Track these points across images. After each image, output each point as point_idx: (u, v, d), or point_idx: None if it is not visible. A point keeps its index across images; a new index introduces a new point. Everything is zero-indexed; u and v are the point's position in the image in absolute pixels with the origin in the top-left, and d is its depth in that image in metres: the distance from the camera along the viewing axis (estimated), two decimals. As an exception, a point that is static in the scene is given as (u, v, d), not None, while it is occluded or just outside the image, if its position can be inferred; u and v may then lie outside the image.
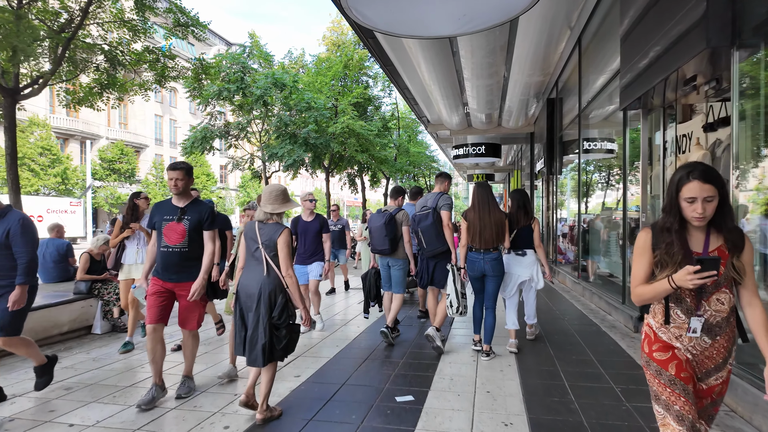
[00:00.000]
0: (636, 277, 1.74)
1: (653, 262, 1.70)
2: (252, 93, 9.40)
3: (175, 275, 3.22)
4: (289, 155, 9.89)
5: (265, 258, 2.79)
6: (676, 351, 1.70)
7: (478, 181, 6.42)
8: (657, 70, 3.95)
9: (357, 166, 17.25)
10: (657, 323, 1.75)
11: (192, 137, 10.33)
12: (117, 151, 31.40)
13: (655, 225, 1.73)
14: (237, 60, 9.75)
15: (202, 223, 3.28)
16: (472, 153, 14.38)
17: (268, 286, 2.76)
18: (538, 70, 8.24)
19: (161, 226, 3.25)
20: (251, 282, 2.81)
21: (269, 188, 2.96)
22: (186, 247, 3.23)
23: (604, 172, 7.74)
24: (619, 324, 5.23)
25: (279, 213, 2.89)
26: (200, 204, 3.34)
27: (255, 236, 2.86)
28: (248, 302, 2.80)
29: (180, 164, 3.27)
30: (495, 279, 4.07)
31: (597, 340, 4.60)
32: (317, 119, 10.54)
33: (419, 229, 4.33)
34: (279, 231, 2.82)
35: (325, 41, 18.72)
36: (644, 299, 1.72)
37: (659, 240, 1.68)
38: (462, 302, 4.08)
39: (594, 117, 7.60)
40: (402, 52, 8.20)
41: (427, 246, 4.31)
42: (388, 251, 4.55)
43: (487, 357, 4.05)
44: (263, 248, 2.81)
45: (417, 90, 10.61)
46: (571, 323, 5.37)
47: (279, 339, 2.77)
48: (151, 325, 3.17)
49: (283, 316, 2.76)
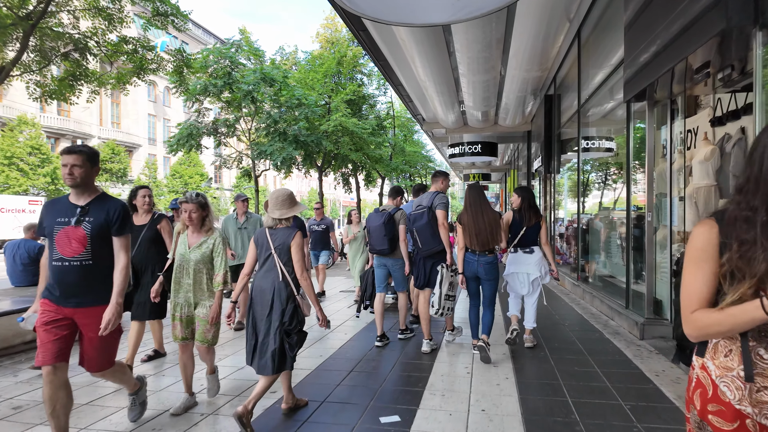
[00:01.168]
0: (693, 296, 1.11)
1: (720, 272, 1.09)
2: (240, 89, 9.04)
3: (75, 298, 2.38)
4: (279, 153, 9.54)
5: (278, 264, 2.75)
6: (747, 422, 1.07)
7: (470, 182, 6.21)
8: (666, 57, 3.65)
9: (351, 165, 16.92)
10: (719, 369, 1.12)
11: (177, 134, 9.96)
12: (108, 151, 30.91)
13: (723, 214, 1.11)
14: (224, 55, 9.40)
15: (110, 227, 2.44)
16: (468, 152, 14.11)
17: (281, 292, 2.73)
18: (535, 65, 7.93)
19: (53, 232, 2.39)
20: (265, 289, 2.76)
21: (276, 193, 2.86)
22: (89, 260, 2.39)
23: (604, 170, 7.44)
24: (623, 330, 4.93)
25: (288, 218, 2.83)
26: (108, 201, 2.50)
27: (266, 242, 2.80)
28: (262, 309, 2.75)
29: (78, 148, 2.41)
30: (490, 283, 3.98)
31: (601, 348, 4.29)
32: (308, 116, 10.18)
33: (414, 228, 4.26)
34: (292, 235, 2.77)
35: (318, 38, 18.39)
36: (711, 332, 1.08)
37: (731, 236, 1.07)
38: (445, 305, 4.07)
39: (594, 114, 7.30)
40: (395, 47, 7.89)
41: (422, 246, 4.25)
42: (387, 251, 4.41)
43: (485, 350, 3.88)
44: (276, 254, 2.76)
45: (411, 87, 10.31)
46: (572, 329, 5.07)
47: (291, 346, 2.73)
48: (48, 367, 2.31)
49: (293, 321, 2.73)
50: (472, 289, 4.07)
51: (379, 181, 22.35)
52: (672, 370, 3.64)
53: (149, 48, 7.03)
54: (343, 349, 4.46)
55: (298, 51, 16.97)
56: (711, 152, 4.66)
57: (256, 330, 2.77)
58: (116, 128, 37.68)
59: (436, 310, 4.09)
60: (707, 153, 4.67)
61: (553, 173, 9.99)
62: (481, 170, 23.84)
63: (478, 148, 14.01)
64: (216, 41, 41.20)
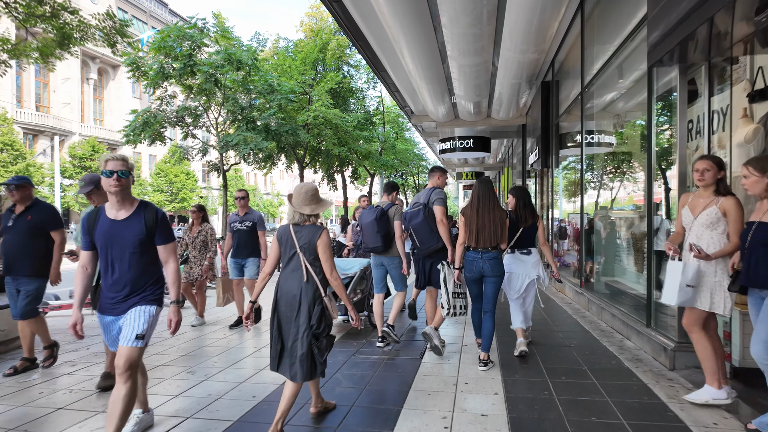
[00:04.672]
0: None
1: None
2: (201, 71, 7.99)
3: None
4: (245, 144, 8.48)
5: (304, 263, 2.61)
6: None
7: (482, 177, 5.55)
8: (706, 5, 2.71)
9: (337, 161, 15.92)
10: None
11: (131, 123, 8.86)
12: (89, 148, 29.72)
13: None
14: (185, 36, 8.32)
15: None
16: (460, 147, 13.23)
17: (308, 293, 2.60)
18: (531, 45, 6.91)
19: None
20: (291, 289, 2.62)
21: (303, 188, 2.70)
22: None
23: (615, 160, 6.50)
24: (646, 356, 3.96)
25: (316, 214, 2.69)
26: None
27: (291, 240, 2.66)
28: (288, 312, 2.61)
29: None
30: (494, 280, 3.75)
31: (621, 384, 3.32)
32: (281, 103, 9.14)
33: (411, 227, 4.15)
34: (318, 233, 2.63)
35: (303, 27, 17.44)
36: None
37: None
38: (456, 303, 3.82)
39: (599, 97, 6.37)
40: (373, 21, 6.94)
41: (421, 245, 4.14)
42: (381, 248, 4.28)
43: (485, 367, 3.67)
44: (301, 253, 2.62)
45: (396, 72, 9.35)
46: (579, 352, 4.10)
47: (321, 351, 2.59)
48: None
49: (322, 324, 2.60)
50: (473, 293, 3.85)
51: (368, 179, 21.40)
52: (727, 420, 2.68)
53: (72, 12, 5.95)
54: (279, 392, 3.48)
55: (279, 40, 15.87)
56: (753, 132, 3.74)
57: (281, 333, 2.62)
58: (99, 125, 36.45)
59: (447, 311, 3.80)
60: (749, 132, 3.76)
61: (550, 168, 9.07)
62: (473, 168, 22.96)
63: (470, 143, 13.12)
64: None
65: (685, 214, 3.05)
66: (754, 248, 2.55)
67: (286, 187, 51.48)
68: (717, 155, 3.68)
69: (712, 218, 2.88)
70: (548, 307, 6.27)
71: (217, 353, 4.30)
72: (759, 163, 2.61)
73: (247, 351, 4.38)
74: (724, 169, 2.92)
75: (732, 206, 2.82)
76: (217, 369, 3.81)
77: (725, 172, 2.92)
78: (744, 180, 2.70)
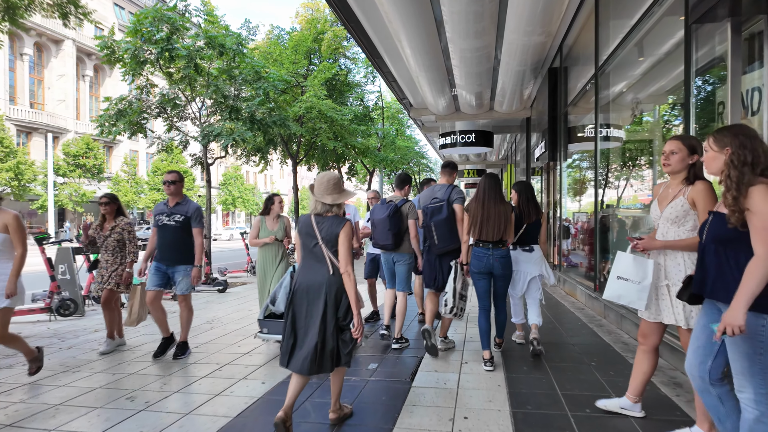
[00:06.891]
0: None
1: None
2: (179, 55, 7.34)
3: None
4: (228, 134, 7.83)
5: (327, 255, 2.51)
6: None
7: (488, 172, 5.13)
8: None
9: (333, 156, 15.27)
10: None
11: (105, 111, 8.19)
12: (83, 146, 29.14)
13: None
14: (164, 17, 7.66)
15: None
16: (461, 142, 12.58)
17: (334, 285, 2.50)
18: (538, 25, 6.22)
19: None
20: (314, 282, 2.52)
21: (325, 177, 2.61)
22: None
23: (633, 150, 5.83)
24: (685, 380, 3.30)
25: (339, 204, 2.58)
26: None
27: (312, 231, 2.55)
28: (309, 306, 2.51)
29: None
30: (504, 278, 3.69)
31: (660, 418, 2.66)
32: (267, 91, 8.48)
33: (432, 223, 3.99)
34: (341, 224, 2.52)
35: (298, 18, 16.82)
36: None
37: None
38: (459, 304, 3.74)
39: (618, 76, 5.71)
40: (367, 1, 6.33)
41: (439, 242, 3.99)
42: (392, 246, 4.21)
43: (498, 348, 3.89)
44: (323, 244, 2.52)
45: (393, 58, 8.70)
46: (603, 372, 3.44)
47: (345, 343, 2.52)
48: None
49: (348, 316, 2.52)
50: (481, 289, 3.68)
51: (367, 176, 20.76)
52: None
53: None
54: (243, 417, 2.83)
55: (273, 29, 15.21)
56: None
57: (295, 328, 2.54)
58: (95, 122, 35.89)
59: (450, 308, 3.70)
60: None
61: (558, 161, 8.40)
62: (475, 165, 22.34)
63: (471, 138, 12.45)
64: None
65: (653, 209, 2.46)
66: (709, 246, 1.90)
67: (286, 186, 50.85)
68: (693, 135, 3.03)
69: (677, 212, 2.28)
70: (558, 313, 5.62)
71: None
72: (718, 136, 1.93)
73: (229, 357, 3.72)
74: (698, 152, 2.27)
75: (700, 192, 2.20)
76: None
77: (699, 156, 2.25)
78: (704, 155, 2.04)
